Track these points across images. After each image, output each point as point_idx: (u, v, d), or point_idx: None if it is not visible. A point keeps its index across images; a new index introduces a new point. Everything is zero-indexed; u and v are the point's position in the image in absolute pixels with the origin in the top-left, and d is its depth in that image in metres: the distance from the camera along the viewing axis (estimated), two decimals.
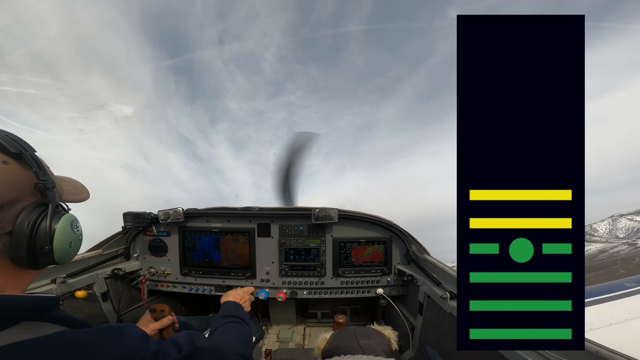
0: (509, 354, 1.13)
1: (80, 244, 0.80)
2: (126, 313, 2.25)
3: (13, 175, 0.64)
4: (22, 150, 0.67)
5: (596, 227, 58.45)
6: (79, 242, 0.79)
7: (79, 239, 0.79)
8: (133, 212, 2.22)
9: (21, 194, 0.65)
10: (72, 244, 0.75)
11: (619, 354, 0.86)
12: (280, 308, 2.87)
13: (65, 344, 0.60)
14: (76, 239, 0.77)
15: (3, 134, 0.67)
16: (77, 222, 0.79)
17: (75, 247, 0.78)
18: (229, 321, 1.22)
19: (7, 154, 0.65)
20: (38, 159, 0.71)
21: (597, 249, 41.32)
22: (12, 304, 0.60)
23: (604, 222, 59.99)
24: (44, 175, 0.69)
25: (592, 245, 44.67)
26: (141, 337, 0.74)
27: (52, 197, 0.71)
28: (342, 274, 2.32)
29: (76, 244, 0.78)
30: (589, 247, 44.10)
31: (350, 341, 1.27)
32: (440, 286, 1.71)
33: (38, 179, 0.68)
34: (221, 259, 2.36)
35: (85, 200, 0.88)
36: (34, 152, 0.71)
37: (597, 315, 2.65)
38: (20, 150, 0.67)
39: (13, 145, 0.66)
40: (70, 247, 0.74)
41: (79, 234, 0.79)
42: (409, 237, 2.23)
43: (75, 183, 0.89)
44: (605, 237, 54.77)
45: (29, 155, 0.68)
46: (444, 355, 1.61)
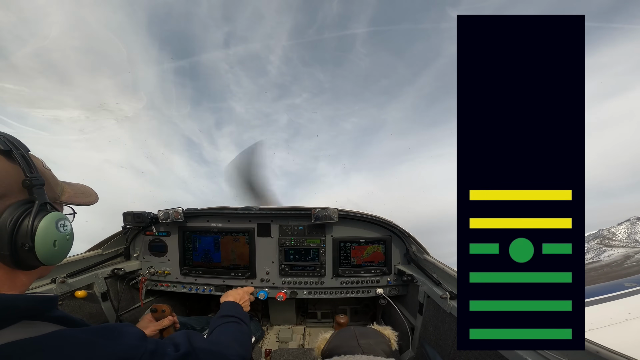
0: (509, 354, 1.13)
1: (68, 244, 0.77)
2: (126, 313, 2.24)
3: (1, 171, 0.65)
4: (13, 148, 0.67)
5: (614, 230, 55.95)
6: (65, 242, 0.76)
7: (66, 239, 0.76)
8: (133, 211, 2.21)
9: (7, 190, 0.66)
10: (56, 243, 0.72)
11: (619, 354, 0.86)
12: (280, 308, 2.87)
13: (63, 343, 0.60)
14: (62, 238, 0.74)
15: None
16: (65, 221, 0.76)
17: (62, 247, 0.74)
18: (228, 321, 1.22)
19: None
20: (29, 157, 0.71)
21: (621, 254, 39.68)
22: (10, 303, 0.60)
23: (622, 226, 57.72)
24: (31, 173, 0.69)
25: (613, 250, 43.12)
26: (139, 336, 0.74)
27: (39, 194, 0.70)
28: (342, 274, 2.32)
29: (62, 244, 0.74)
30: (610, 251, 42.33)
31: (350, 341, 1.27)
32: (440, 286, 1.70)
33: (25, 175, 0.68)
34: (221, 258, 2.36)
35: (92, 204, 0.88)
36: (27, 151, 0.72)
37: (597, 315, 2.65)
38: (11, 148, 0.67)
39: (3, 143, 0.66)
40: (54, 246, 0.71)
41: (65, 234, 0.75)
42: (408, 237, 2.22)
43: (84, 187, 0.89)
44: (625, 242, 52.87)
45: (18, 154, 0.68)
46: (444, 355, 1.61)
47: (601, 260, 38.36)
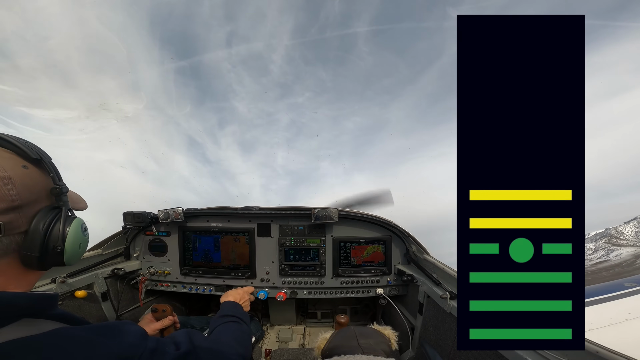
0: (509, 354, 1.13)
1: (86, 247, 0.85)
2: (126, 313, 2.24)
3: (32, 178, 0.68)
4: (42, 157, 0.72)
5: (622, 229, 53.85)
6: (86, 244, 0.84)
7: (87, 242, 0.84)
8: (133, 211, 2.21)
9: (38, 196, 0.70)
10: (81, 246, 0.80)
11: (619, 354, 0.86)
12: (280, 308, 2.87)
13: (64, 341, 0.61)
14: (85, 241, 0.82)
15: (24, 141, 0.71)
16: (85, 225, 0.84)
17: (83, 249, 0.83)
18: (228, 321, 1.22)
19: (28, 160, 0.69)
20: (54, 165, 0.76)
21: (630, 253, 38.37)
22: (10, 301, 0.60)
23: (630, 225, 55.85)
24: (59, 181, 0.75)
25: (622, 250, 41.79)
26: (140, 334, 0.74)
27: (65, 201, 0.76)
28: (342, 274, 2.32)
29: (84, 246, 0.83)
30: (619, 251, 41.00)
31: (350, 341, 1.27)
32: (440, 286, 1.71)
33: (55, 184, 0.73)
34: (221, 258, 2.36)
35: (83, 210, 0.93)
36: (50, 159, 0.76)
37: (597, 315, 2.66)
38: (40, 156, 0.71)
39: (33, 151, 0.70)
40: (79, 248, 0.79)
41: (87, 237, 0.84)
42: (408, 237, 2.22)
43: (74, 194, 0.92)
44: (633, 241, 51.28)
45: (48, 162, 0.73)
46: (444, 355, 1.61)
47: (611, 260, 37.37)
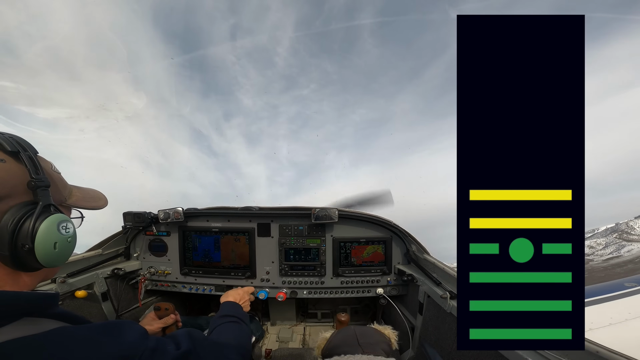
0: (509, 354, 1.13)
1: (69, 247, 0.77)
2: (126, 313, 2.24)
3: (7, 172, 0.66)
4: (20, 150, 0.69)
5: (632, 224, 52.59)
6: (67, 244, 0.75)
7: (67, 241, 0.75)
8: (133, 211, 2.21)
9: (12, 191, 0.66)
10: (56, 245, 0.71)
11: (619, 354, 0.86)
12: (280, 308, 2.87)
13: (65, 340, 0.61)
14: (63, 240, 0.73)
15: (5, 135, 0.69)
16: (67, 223, 0.76)
17: (62, 249, 0.74)
18: (228, 321, 1.22)
19: (5, 152, 0.67)
20: (36, 159, 0.72)
21: None
22: (11, 300, 0.60)
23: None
24: (37, 174, 0.70)
25: (633, 245, 39.35)
26: (140, 333, 0.74)
27: (43, 196, 0.70)
28: (342, 274, 2.32)
29: (63, 246, 0.74)
30: (630, 247, 38.90)
31: (351, 341, 1.28)
32: (440, 286, 1.71)
33: (30, 177, 0.68)
34: (221, 258, 2.36)
35: (101, 209, 0.89)
36: (35, 153, 0.73)
37: (597, 315, 2.65)
38: (18, 149, 0.68)
39: (11, 144, 0.68)
40: (54, 248, 0.71)
41: (67, 236, 0.75)
42: (408, 237, 2.22)
43: (94, 192, 0.89)
44: None
45: (26, 155, 0.69)
46: (444, 355, 1.61)
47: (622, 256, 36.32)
